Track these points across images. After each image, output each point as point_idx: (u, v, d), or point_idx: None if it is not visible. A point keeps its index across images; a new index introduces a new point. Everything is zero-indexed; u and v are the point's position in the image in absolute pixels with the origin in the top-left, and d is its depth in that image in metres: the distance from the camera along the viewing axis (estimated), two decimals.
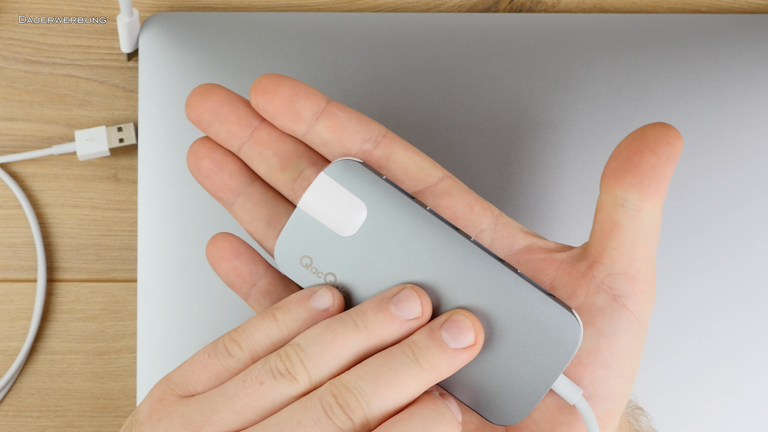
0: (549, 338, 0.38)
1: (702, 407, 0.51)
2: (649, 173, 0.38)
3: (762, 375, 0.51)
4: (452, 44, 0.52)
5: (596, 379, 0.39)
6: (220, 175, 0.41)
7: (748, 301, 0.52)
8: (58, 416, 0.53)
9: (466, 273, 0.38)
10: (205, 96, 0.40)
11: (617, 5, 0.54)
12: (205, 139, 0.41)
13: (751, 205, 0.52)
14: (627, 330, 0.38)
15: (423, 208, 0.38)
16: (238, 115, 0.40)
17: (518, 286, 0.38)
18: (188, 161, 0.41)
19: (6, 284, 0.53)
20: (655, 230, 0.39)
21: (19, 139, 0.54)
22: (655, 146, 0.38)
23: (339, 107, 0.40)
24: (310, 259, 0.39)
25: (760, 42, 0.52)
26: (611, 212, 0.39)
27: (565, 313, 0.38)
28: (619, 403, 0.39)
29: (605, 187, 0.39)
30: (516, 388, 0.38)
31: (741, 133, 0.52)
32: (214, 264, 0.41)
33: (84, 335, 0.53)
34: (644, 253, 0.39)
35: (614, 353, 0.38)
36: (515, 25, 0.53)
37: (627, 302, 0.39)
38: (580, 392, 0.38)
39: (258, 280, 0.41)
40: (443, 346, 0.36)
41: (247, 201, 0.41)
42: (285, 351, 0.36)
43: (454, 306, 0.38)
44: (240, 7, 0.54)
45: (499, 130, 0.52)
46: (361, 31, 0.52)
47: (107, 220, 0.54)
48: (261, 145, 0.40)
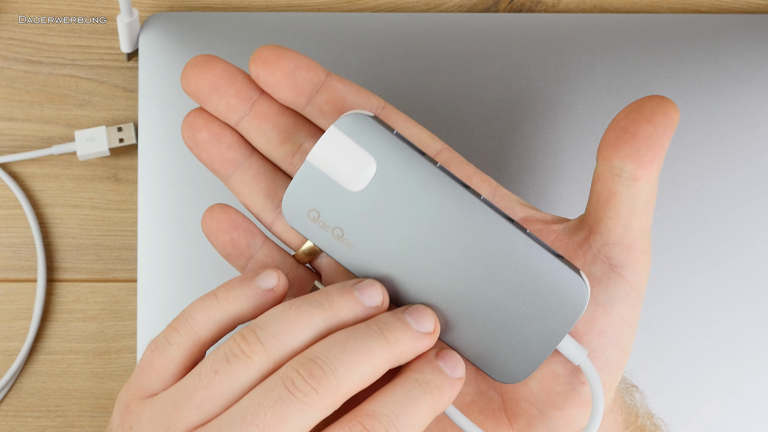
0: (556, 298, 0.38)
1: (702, 407, 0.51)
2: (646, 142, 0.38)
3: (762, 375, 0.51)
4: (452, 44, 0.52)
5: (593, 348, 0.39)
6: (218, 147, 0.40)
7: (748, 301, 0.52)
8: (58, 416, 0.53)
9: (475, 230, 0.38)
10: (203, 68, 0.39)
11: (617, 5, 0.54)
12: (200, 110, 0.40)
13: (751, 205, 0.52)
14: (623, 299, 0.39)
15: (433, 164, 0.38)
16: (238, 89, 0.40)
17: (528, 246, 0.38)
18: (184, 132, 0.40)
19: (6, 284, 0.53)
20: (651, 201, 0.39)
21: (19, 139, 0.54)
22: (652, 116, 0.38)
23: (338, 80, 0.40)
24: (318, 213, 0.39)
25: (760, 42, 0.52)
26: (608, 182, 0.39)
27: (573, 274, 0.38)
28: (615, 374, 0.39)
29: (602, 158, 0.39)
30: (521, 347, 0.39)
31: (741, 133, 0.52)
32: (210, 235, 0.41)
33: (84, 335, 0.53)
34: (640, 222, 0.39)
35: (610, 322, 0.39)
36: (515, 25, 0.53)
37: (623, 271, 0.39)
38: (585, 353, 0.38)
39: (255, 252, 0.41)
40: (407, 325, 0.36)
41: (244, 174, 0.41)
42: (241, 332, 0.35)
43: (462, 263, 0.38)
44: (240, 7, 0.54)
45: (499, 130, 0.52)
46: (361, 31, 0.52)
47: (107, 220, 0.54)
48: (260, 119, 0.40)
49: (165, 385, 0.37)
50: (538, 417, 0.40)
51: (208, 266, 0.51)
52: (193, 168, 0.52)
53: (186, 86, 0.40)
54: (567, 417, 0.39)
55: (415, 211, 0.38)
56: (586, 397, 0.39)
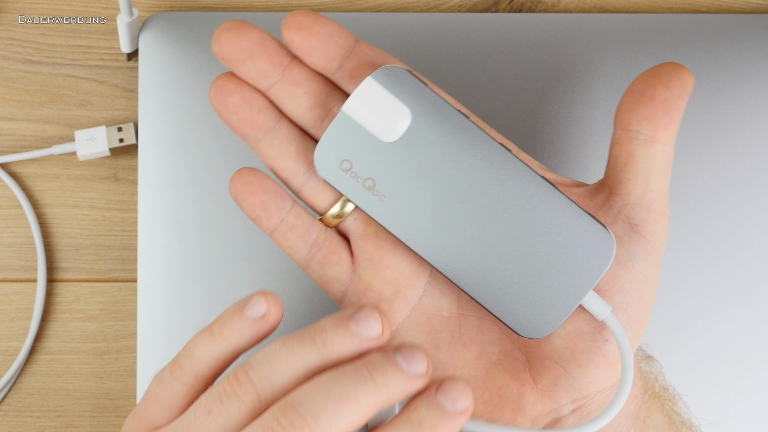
0: (582, 252, 0.38)
1: (702, 407, 0.51)
2: (663, 105, 0.39)
3: (762, 375, 0.51)
4: (452, 44, 0.52)
5: (615, 305, 0.40)
6: (249, 111, 0.40)
7: (748, 301, 0.52)
8: (58, 416, 0.53)
9: (506, 182, 0.39)
10: (237, 33, 0.40)
11: (617, 5, 0.54)
12: (230, 74, 0.40)
13: (751, 205, 0.52)
14: (643, 257, 0.40)
15: (466, 118, 0.39)
16: (270, 54, 0.40)
17: (556, 199, 0.38)
18: (212, 97, 0.40)
19: (6, 284, 0.53)
20: (668, 163, 0.40)
21: (19, 139, 0.54)
22: (668, 81, 0.39)
23: (367, 46, 0.41)
24: (350, 163, 0.39)
25: (760, 42, 0.52)
26: (626, 145, 0.40)
27: (601, 228, 0.38)
28: (636, 332, 0.40)
29: (619, 122, 0.40)
30: (546, 301, 0.39)
31: (741, 133, 0.52)
32: (239, 197, 0.41)
33: (84, 335, 0.53)
34: (658, 183, 0.40)
35: (632, 280, 0.40)
36: (515, 25, 0.53)
37: (643, 231, 0.40)
38: (608, 308, 0.39)
39: (284, 214, 0.41)
40: (398, 366, 0.35)
41: (274, 138, 0.41)
42: (234, 372, 0.35)
43: (492, 215, 0.39)
44: (240, 7, 0.54)
45: (499, 130, 0.52)
46: (361, 31, 0.52)
47: (107, 220, 0.54)
48: (292, 84, 0.41)
49: (168, 418, 0.37)
50: (562, 376, 0.40)
51: (208, 266, 0.51)
52: (193, 168, 0.52)
53: (218, 50, 0.40)
54: (590, 376, 0.40)
55: (447, 163, 0.38)
56: (610, 356, 0.40)
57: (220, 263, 0.51)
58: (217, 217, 0.52)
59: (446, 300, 0.42)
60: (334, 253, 0.41)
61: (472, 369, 0.41)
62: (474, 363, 0.42)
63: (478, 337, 0.42)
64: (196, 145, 0.52)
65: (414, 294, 0.42)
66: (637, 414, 0.42)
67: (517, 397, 0.41)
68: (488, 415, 0.41)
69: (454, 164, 0.38)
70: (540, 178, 0.39)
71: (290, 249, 0.42)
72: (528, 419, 0.41)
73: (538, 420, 0.41)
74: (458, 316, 0.42)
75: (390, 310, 0.41)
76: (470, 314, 0.42)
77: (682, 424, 0.44)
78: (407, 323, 0.42)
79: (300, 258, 0.42)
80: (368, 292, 0.41)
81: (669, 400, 0.44)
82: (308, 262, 0.42)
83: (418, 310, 0.42)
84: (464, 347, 0.42)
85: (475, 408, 0.41)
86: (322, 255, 0.41)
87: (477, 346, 0.42)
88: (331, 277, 0.42)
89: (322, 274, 0.42)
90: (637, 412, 0.42)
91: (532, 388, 0.41)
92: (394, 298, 0.41)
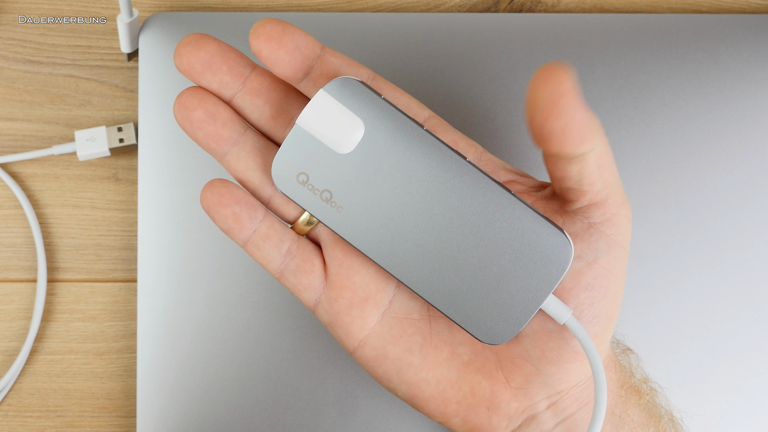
0: (540, 257, 0.38)
1: (702, 407, 0.51)
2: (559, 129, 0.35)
3: (762, 375, 0.51)
4: (452, 44, 0.52)
5: (581, 302, 0.40)
6: (214, 126, 0.41)
7: (748, 301, 0.52)
8: (58, 416, 0.53)
9: (460, 191, 0.39)
10: (196, 46, 0.40)
11: (617, 5, 0.54)
12: (194, 89, 0.41)
13: (751, 205, 0.52)
14: (606, 252, 0.40)
15: (420, 127, 0.39)
16: (230, 65, 0.40)
17: (512, 205, 0.38)
18: (177, 112, 0.41)
19: (6, 284, 0.53)
20: (603, 159, 0.39)
21: (19, 139, 0.54)
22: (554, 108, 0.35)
23: (332, 53, 0.41)
24: (307, 176, 0.39)
25: (760, 42, 0.52)
26: (553, 164, 0.39)
27: (557, 233, 0.38)
28: (605, 326, 0.40)
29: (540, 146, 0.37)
30: (506, 307, 0.39)
31: (741, 133, 0.52)
32: (211, 210, 0.41)
33: (84, 335, 0.53)
34: (605, 181, 0.39)
35: (596, 275, 0.40)
36: (515, 25, 0.53)
37: (602, 227, 0.40)
38: (569, 312, 0.39)
39: (257, 224, 0.41)
40: None
41: (240, 150, 0.41)
42: None
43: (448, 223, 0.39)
44: (240, 7, 0.54)
45: (499, 130, 0.52)
46: (361, 31, 0.52)
47: (107, 220, 0.54)
48: (252, 94, 0.41)
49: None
50: (534, 373, 0.41)
51: (208, 266, 0.51)
52: (193, 168, 0.52)
53: (179, 64, 0.40)
54: (562, 371, 0.40)
55: (401, 173, 0.39)
56: (580, 350, 0.40)
57: (220, 263, 0.51)
58: None
59: (416, 303, 0.42)
60: (307, 261, 0.42)
61: (444, 370, 0.42)
62: (446, 364, 0.42)
63: (448, 338, 0.42)
64: (196, 146, 0.52)
65: (384, 298, 0.42)
66: (613, 409, 0.42)
67: (490, 395, 0.41)
68: (463, 414, 0.41)
69: (408, 174, 0.39)
70: (496, 185, 0.39)
71: (263, 259, 0.42)
72: (503, 417, 0.41)
73: (514, 418, 0.41)
74: (428, 317, 0.42)
75: (362, 315, 0.42)
76: (440, 315, 0.42)
77: (660, 417, 0.44)
78: (379, 328, 0.42)
79: (273, 268, 0.42)
80: (340, 298, 0.41)
81: (647, 394, 0.44)
82: (282, 271, 0.42)
83: (390, 314, 0.42)
84: (436, 349, 0.42)
85: (449, 408, 0.42)
86: (296, 263, 0.42)
87: (448, 347, 0.42)
88: (304, 286, 0.42)
89: (296, 283, 0.42)
90: (613, 407, 0.42)
91: (506, 386, 0.41)
92: (366, 303, 0.42)
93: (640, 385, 0.44)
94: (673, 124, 0.52)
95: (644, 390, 0.44)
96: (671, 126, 0.52)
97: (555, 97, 0.35)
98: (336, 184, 0.39)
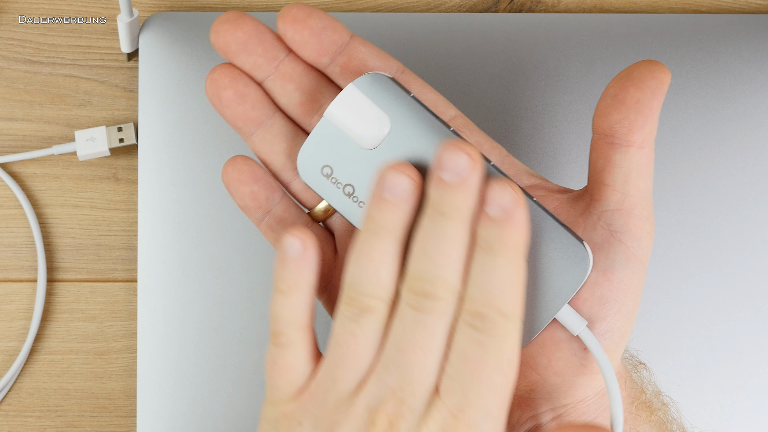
0: (557, 267, 0.38)
1: (702, 407, 0.51)
2: (635, 107, 0.38)
3: (762, 375, 0.51)
4: (452, 44, 0.52)
5: (594, 314, 0.39)
6: (243, 106, 0.41)
7: (748, 301, 0.52)
8: (58, 416, 0.53)
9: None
10: (234, 25, 0.40)
11: (617, 5, 0.54)
12: (226, 67, 0.41)
13: (751, 205, 0.52)
14: (623, 265, 0.39)
15: (447, 127, 0.39)
16: (265, 48, 0.40)
17: (533, 211, 0.38)
18: (208, 89, 0.41)
19: (6, 284, 0.53)
20: (646, 166, 0.39)
21: (19, 139, 0.54)
22: (640, 81, 0.38)
23: (362, 42, 0.41)
24: (331, 169, 0.39)
25: (760, 42, 0.52)
26: (602, 150, 0.39)
27: (576, 243, 0.38)
28: (618, 342, 0.39)
29: (595, 127, 0.39)
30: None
31: (741, 133, 0.52)
32: (230, 186, 0.41)
33: (84, 335, 0.53)
34: (637, 187, 0.39)
35: (612, 288, 0.39)
36: (515, 25, 0.53)
37: (623, 237, 0.39)
38: (584, 323, 0.38)
39: (273, 206, 0.41)
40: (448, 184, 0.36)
41: (267, 133, 0.41)
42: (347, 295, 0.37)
43: None
44: (240, 7, 0.54)
45: (499, 130, 0.52)
46: (362, 31, 0.52)
47: (107, 220, 0.54)
48: (284, 79, 0.41)
49: (306, 375, 0.38)
50: (539, 383, 0.40)
51: (208, 266, 0.51)
52: (193, 168, 0.52)
53: (215, 41, 0.40)
54: (568, 384, 0.40)
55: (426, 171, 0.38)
56: (589, 365, 0.39)
57: (220, 263, 0.51)
58: (217, 217, 0.52)
59: None
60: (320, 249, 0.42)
61: None
62: None
63: None
64: (196, 145, 0.52)
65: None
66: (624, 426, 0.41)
67: None
68: None
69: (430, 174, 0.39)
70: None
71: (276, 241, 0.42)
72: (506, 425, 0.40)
73: (517, 426, 0.41)
74: None
75: None
76: None
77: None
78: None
79: None
80: None
81: (658, 409, 0.43)
82: None
83: None
84: None
85: None
86: None
87: None
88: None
89: None
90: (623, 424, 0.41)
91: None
92: None
93: (651, 400, 0.43)
94: (673, 124, 0.52)
95: (655, 405, 0.43)
96: (671, 126, 0.52)
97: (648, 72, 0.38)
98: (359, 178, 0.39)
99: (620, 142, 0.39)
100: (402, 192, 0.36)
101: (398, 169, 0.36)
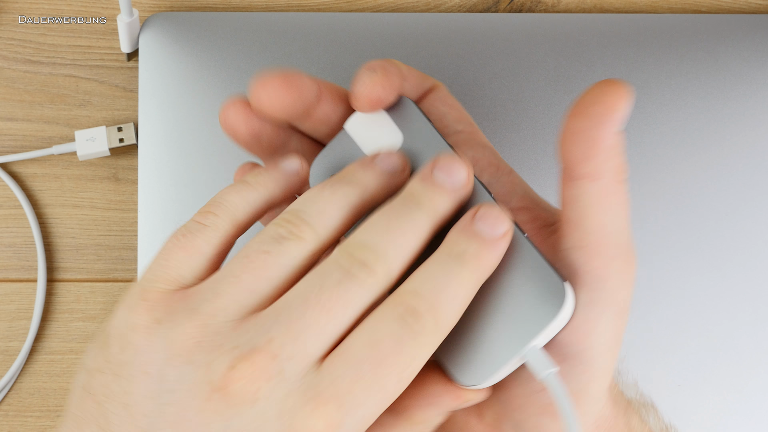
0: (529, 303, 0.35)
1: (702, 407, 0.51)
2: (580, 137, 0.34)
3: (762, 375, 0.51)
4: (452, 44, 0.52)
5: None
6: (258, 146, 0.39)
7: (748, 301, 0.52)
8: (58, 416, 0.53)
9: None
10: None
11: (617, 5, 0.54)
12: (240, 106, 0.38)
13: (751, 205, 0.52)
14: (584, 306, 0.35)
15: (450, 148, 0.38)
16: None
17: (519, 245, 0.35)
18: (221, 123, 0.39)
19: (6, 284, 0.53)
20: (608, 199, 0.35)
21: (19, 139, 0.54)
22: (584, 107, 0.34)
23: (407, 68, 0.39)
24: None
25: (760, 42, 0.52)
26: (561, 182, 0.36)
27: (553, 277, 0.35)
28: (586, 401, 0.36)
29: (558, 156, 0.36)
30: (487, 349, 0.35)
31: (741, 133, 0.52)
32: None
33: (84, 335, 0.53)
34: (601, 224, 0.35)
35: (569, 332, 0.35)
36: (515, 25, 0.53)
37: (585, 278, 0.35)
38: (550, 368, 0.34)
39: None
40: (435, 182, 0.35)
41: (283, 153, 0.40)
42: (283, 216, 0.34)
43: None
44: (240, 7, 0.54)
45: (499, 130, 0.52)
46: (361, 31, 0.52)
47: (107, 220, 0.54)
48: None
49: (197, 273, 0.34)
50: (504, 415, 0.37)
51: None
52: (193, 168, 0.52)
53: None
54: (532, 423, 0.37)
55: None
56: (548, 406, 0.36)
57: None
58: None
59: None
60: None
61: None
62: None
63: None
64: (196, 145, 0.52)
65: None
66: None
67: (463, 425, 0.38)
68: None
69: None
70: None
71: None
72: None
73: None
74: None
75: None
76: None
77: None
78: None
79: None
80: None
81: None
82: None
83: None
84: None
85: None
86: None
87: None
88: None
89: None
90: None
91: (479, 420, 0.38)
92: None
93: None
94: (673, 124, 0.52)
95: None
96: (671, 126, 0.52)
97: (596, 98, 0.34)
98: None
99: (570, 175, 0.35)
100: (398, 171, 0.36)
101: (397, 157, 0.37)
